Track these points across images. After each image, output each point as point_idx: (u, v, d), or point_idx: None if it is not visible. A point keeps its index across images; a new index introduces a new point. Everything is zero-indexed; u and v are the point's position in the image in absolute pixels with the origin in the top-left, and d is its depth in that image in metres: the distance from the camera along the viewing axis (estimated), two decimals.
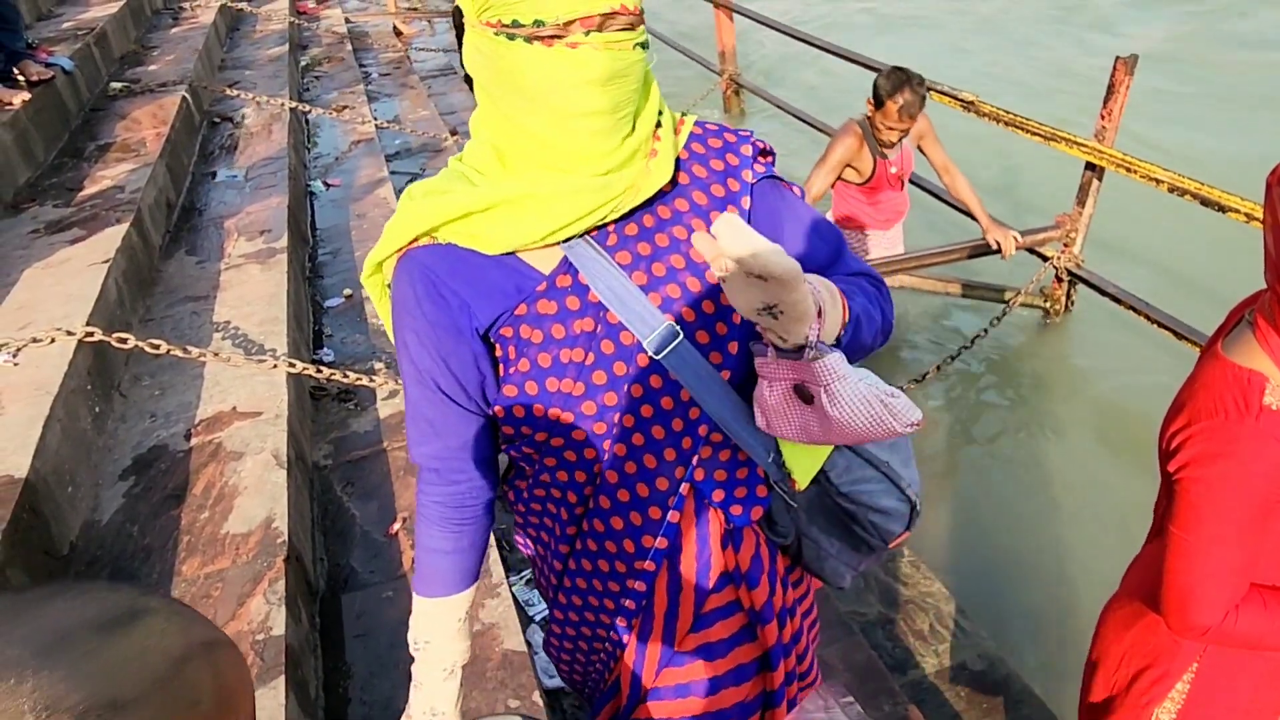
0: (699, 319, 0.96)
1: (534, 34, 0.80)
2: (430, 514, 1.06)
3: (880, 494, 1.04)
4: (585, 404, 0.97)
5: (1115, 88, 3.57)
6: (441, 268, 0.94)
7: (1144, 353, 4.00)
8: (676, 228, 0.96)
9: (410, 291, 0.95)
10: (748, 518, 1.05)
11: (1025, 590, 2.99)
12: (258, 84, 5.24)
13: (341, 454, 2.54)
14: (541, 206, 0.88)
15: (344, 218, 4.06)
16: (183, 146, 4.07)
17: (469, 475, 1.05)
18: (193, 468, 2.16)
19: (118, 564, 1.89)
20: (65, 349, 2.17)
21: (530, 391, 0.97)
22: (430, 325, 0.95)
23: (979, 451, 3.71)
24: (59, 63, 3.97)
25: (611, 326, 0.95)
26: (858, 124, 3.54)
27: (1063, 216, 4.06)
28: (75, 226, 2.95)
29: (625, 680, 1.17)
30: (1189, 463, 1.05)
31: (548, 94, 0.82)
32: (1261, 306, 1.04)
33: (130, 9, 5.54)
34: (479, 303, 0.95)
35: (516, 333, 0.95)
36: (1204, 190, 3.18)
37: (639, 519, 1.03)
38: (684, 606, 1.11)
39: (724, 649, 1.15)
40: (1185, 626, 1.11)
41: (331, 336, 3.12)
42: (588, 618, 1.15)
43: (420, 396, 1.00)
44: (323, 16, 8.06)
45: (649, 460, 1.00)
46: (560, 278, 0.95)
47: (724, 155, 0.99)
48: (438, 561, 1.07)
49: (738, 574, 1.11)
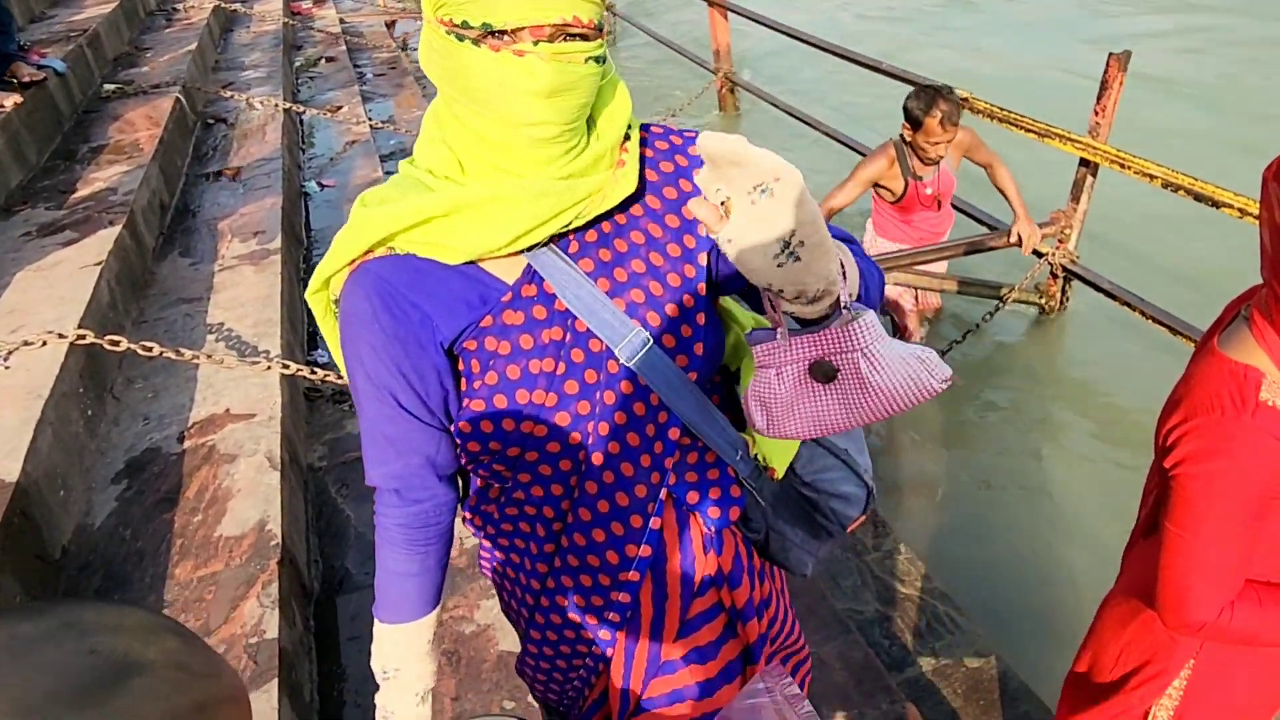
0: (664, 323, 0.94)
1: (481, 36, 0.79)
2: (393, 537, 1.02)
3: (840, 480, 1.08)
4: (559, 415, 0.94)
5: (1108, 84, 3.57)
6: (399, 279, 0.90)
7: (1139, 348, 4.00)
8: (634, 233, 0.94)
9: (366, 305, 0.90)
10: (726, 519, 1.04)
11: (1022, 587, 2.99)
12: (252, 85, 5.23)
13: (336, 455, 2.54)
14: (505, 211, 0.85)
15: (338, 218, 4.05)
16: (176, 148, 4.07)
17: (432, 492, 1.01)
18: (186, 470, 2.15)
19: (110, 568, 1.88)
20: (57, 352, 2.17)
21: (499, 405, 0.93)
22: (389, 339, 0.91)
23: (975, 448, 3.71)
24: (52, 64, 3.96)
25: (580, 335, 0.93)
26: (894, 145, 3.61)
27: (1057, 213, 4.06)
28: (68, 229, 2.94)
29: (614, 695, 1.14)
30: (1185, 459, 1.04)
31: (494, 99, 0.81)
32: (1258, 302, 1.03)
33: (124, 10, 5.52)
34: (441, 316, 0.91)
35: (481, 345, 0.92)
36: (1197, 186, 3.18)
37: (620, 529, 1.01)
38: (670, 614, 1.10)
39: (713, 650, 1.14)
40: (1181, 623, 1.10)
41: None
42: (567, 635, 1.12)
43: (378, 414, 0.96)
44: (317, 17, 8.05)
45: (626, 468, 0.98)
46: (525, 287, 0.92)
47: (673, 157, 0.97)
48: (403, 585, 1.03)
49: (720, 576, 1.10)
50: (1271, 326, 1.01)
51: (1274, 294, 1.00)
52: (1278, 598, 1.09)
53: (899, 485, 3.50)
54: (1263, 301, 1.02)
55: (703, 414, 0.98)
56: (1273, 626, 1.08)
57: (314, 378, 2.37)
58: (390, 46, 7.75)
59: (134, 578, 1.85)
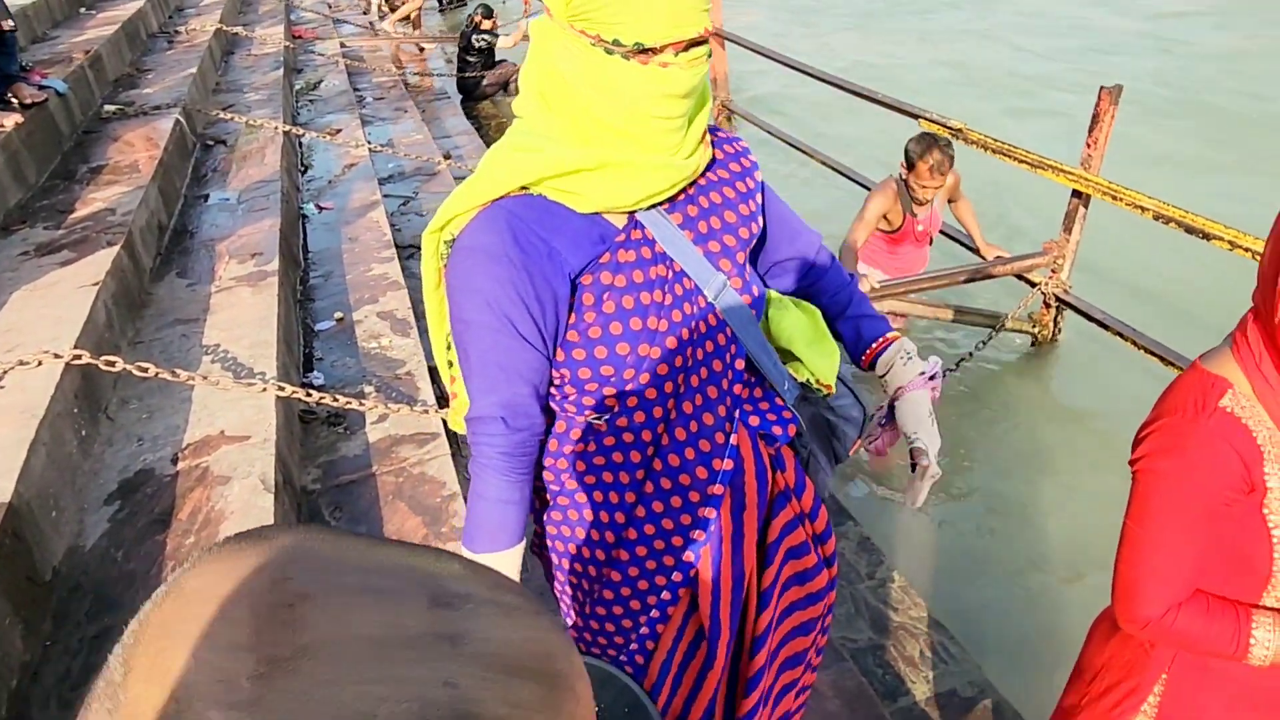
0: (734, 268, 1.12)
1: (631, 53, 0.91)
2: (495, 465, 1.09)
3: (850, 407, 1.33)
4: (669, 339, 1.07)
5: (1100, 117, 3.63)
6: (532, 216, 1.01)
7: (1131, 377, 4.02)
8: (713, 193, 1.12)
9: (497, 239, 0.99)
10: (787, 435, 1.22)
11: (1016, 616, 2.99)
12: (252, 107, 5.26)
13: (330, 478, 2.53)
14: (641, 175, 0.99)
15: (336, 241, 4.07)
16: (175, 169, 4.08)
17: (532, 420, 1.09)
18: (179, 492, 2.14)
19: (101, 590, 1.87)
20: (53, 372, 2.16)
21: (615, 331, 1.04)
22: (517, 269, 0.99)
23: (968, 476, 3.71)
24: (53, 85, 3.98)
25: (677, 274, 1.08)
26: (895, 180, 3.92)
27: (1050, 243, 4.10)
28: (65, 249, 2.95)
29: (704, 605, 1.21)
30: (1143, 456, 1.10)
31: (640, 100, 0.94)
32: (1242, 323, 1.07)
33: (126, 32, 5.57)
34: (569, 249, 1.02)
35: (597, 279, 1.04)
36: (1188, 218, 3.22)
37: (708, 445, 1.14)
38: (748, 526, 1.22)
39: (807, 563, 1.32)
40: (1128, 617, 1.14)
41: (322, 360, 3.11)
42: (649, 567, 1.20)
43: (494, 344, 1.03)
44: (318, 40, 8.12)
45: (711, 390, 1.13)
46: (633, 231, 1.06)
47: (730, 143, 1.17)
48: (505, 512, 1.10)
49: (788, 491, 1.26)
50: (1249, 343, 1.04)
51: (1256, 309, 1.03)
52: (1225, 608, 1.10)
53: (892, 513, 3.49)
54: (1246, 320, 1.06)
55: (762, 347, 1.17)
56: (1215, 636, 1.09)
57: (309, 400, 2.37)
58: (390, 70, 7.81)
59: (125, 600, 1.84)
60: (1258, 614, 1.10)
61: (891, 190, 3.91)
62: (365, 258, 3.84)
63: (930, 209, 3.95)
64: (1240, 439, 1.02)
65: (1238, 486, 1.04)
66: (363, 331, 3.25)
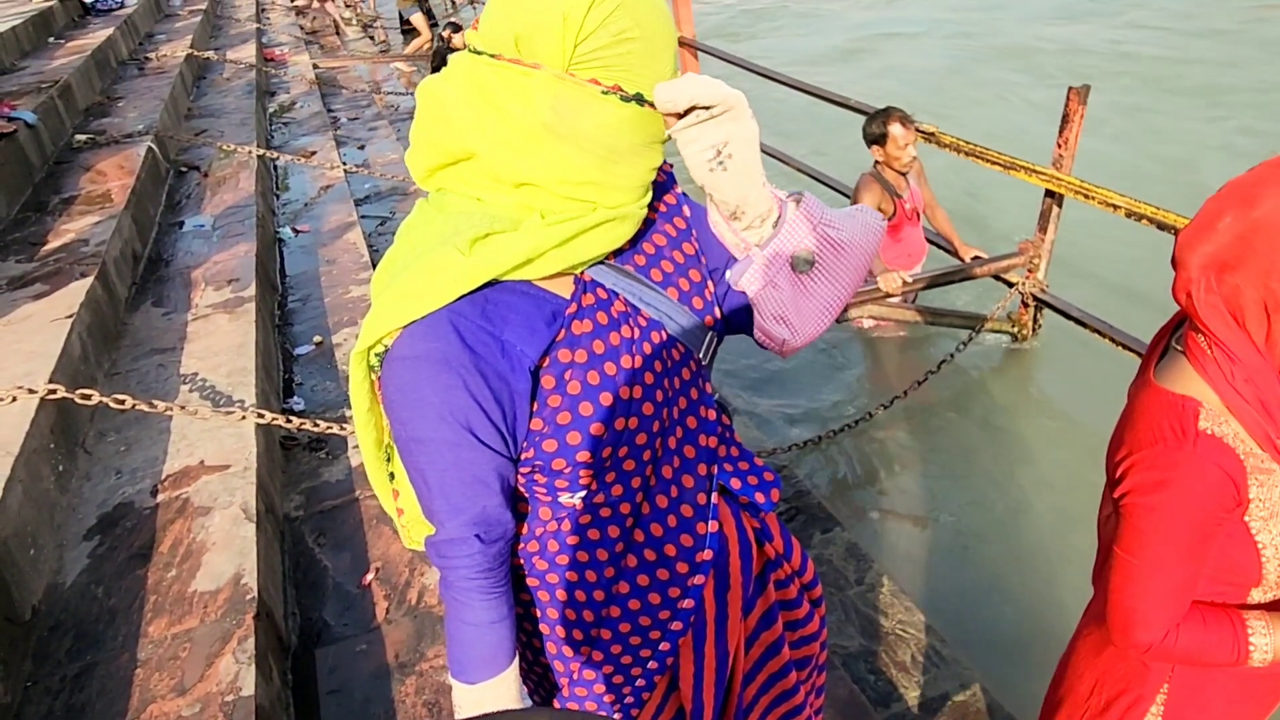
0: (706, 306, 1.05)
1: (629, 97, 0.87)
2: (477, 586, 0.99)
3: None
4: (645, 405, 0.99)
5: (1070, 117, 3.67)
6: (474, 311, 0.90)
7: (1109, 373, 4.05)
8: (656, 235, 1.04)
9: (443, 344, 0.88)
10: (770, 502, 1.14)
11: (1006, 617, 3.00)
12: (225, 132, 5.24)
13: (313, 504, 2.51)
14: (610, 229, 0.92)
15: (313, 264, 4.05)
16: (149, 197, 4.05)
17: (505, 527, 0.99)
18: (159, 525, 2.12)
19: (82, 628, 1.84)
20: (27, 407, 2.14)
21: (586, 413, 0.95)
22: (470, 373, 0.89)
23: (953, 477, 3.73)
24: (22, 116, 3.95)
25: (644, 329, 0.99)
26: (871, 175, 3.98)
27: (1025, 243, 4.14)
28: (38, 281, 2.92)
29: (685, 681, 1.17)
30: (1131, 490, 1.08)
31: (614, 141, 0.88)
32: (1185, 335, 1.07)
33: (95, 60, 5.53)
34: (523, 341, 0.92)
35: (555, 358, 0.94)
36: (1159, 214, 3.25)
37: (690, 510, 1.08)
38: (732, 605, 1.17)
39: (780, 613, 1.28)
40: (1129, 644, 1.14)
41: (302, 384, 3.09)
42: (632, 643, 1.11)
43: (453, 460, 0.93)
44: (290, 63, 8.10)
45: (689, 450, 1.07)
46: (584, 297, 0.96)
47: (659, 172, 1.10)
48: (497, 633, 1.01)
49: (779, 559, 1.22)
50: (1206, 353, 1.03)
51: (1192, 324, 1.04)
52: (1220, 619, 1.11)
53: (879, 517, 3.50)
54: (1187, 334, 1.06)
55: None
56: (1215, 646, 1.11)
57: (289, 426, 2.35)
58: (364, 91, 7.80)
59: (106, 637, 1.82)
60: (1251, 619, 1.11)
61: (874, 184, 3.95)
62: (343, 280, 3.83)
63: (910, 187, 4.05)
64: (1226, 459, 1.01)
65: (1229, 506, 1.03)
66: (342, 354, 3.23)
